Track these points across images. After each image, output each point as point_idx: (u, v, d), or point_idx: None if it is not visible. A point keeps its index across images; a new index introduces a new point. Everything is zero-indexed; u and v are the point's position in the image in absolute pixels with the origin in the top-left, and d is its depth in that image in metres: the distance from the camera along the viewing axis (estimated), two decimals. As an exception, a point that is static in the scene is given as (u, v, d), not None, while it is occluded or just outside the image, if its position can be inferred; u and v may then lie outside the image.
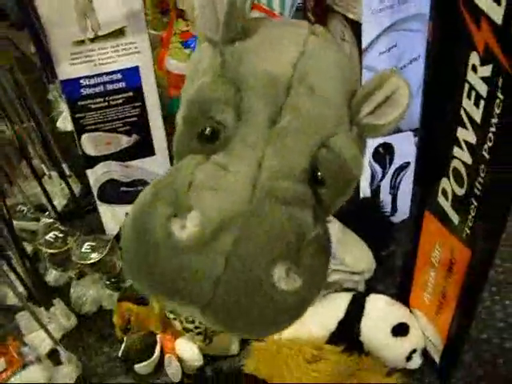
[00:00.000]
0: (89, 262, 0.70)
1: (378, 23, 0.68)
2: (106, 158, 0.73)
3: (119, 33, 0.64)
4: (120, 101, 0.69)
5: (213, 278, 0.33)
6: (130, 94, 0.69)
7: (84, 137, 0.70)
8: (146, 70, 0.67)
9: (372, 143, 0.78)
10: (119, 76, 0.67)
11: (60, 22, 0.61)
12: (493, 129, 0.52)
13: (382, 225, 0.81)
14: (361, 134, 0.39)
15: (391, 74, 0.37)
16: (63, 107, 0.89)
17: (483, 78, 0.51)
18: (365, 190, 0.81)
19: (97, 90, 0.67)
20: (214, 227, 0.33)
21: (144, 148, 0.73)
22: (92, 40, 0.63)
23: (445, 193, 0.61)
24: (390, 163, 0.81)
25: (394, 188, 0.84)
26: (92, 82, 0.66)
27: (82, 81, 0.66)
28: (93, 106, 0.68)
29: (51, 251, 0.71)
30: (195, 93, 0.38)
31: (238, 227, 0.34)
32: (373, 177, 0.81)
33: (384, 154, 0.79)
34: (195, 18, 0.39)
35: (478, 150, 0.54)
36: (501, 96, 0.49)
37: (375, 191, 0.82)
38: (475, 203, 0.57)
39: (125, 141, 0.72)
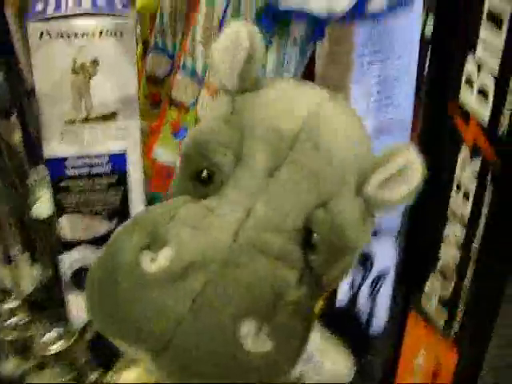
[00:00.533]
0: (52, 352, 0.65)
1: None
2: (82, 242, 0.70)
3: (111, 116, 0.64)
4: (104, 185, 0.68)
5: (175, 318, 0.31)
6: (115, 178, 0.68)
7: (63, 219, 0.68)
8: (134, 156, 0.67)
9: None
10: (106, 159, 0.67)
11: (55, 99, 0.62)
12: (482, 224, 0.52)
13: (359, 335, 0.78)
14: (367, 207, 0.38)
15: (404, 147, 0.37)
16: (40, 193, 0.88)
17: (472, 173, 0.52)
18: (343, 297, 0.80)
19: (82, 171, 0.66)
20: (185, 265, 0.32)
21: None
22: (84, 120, 0.64)
23: (431, 292, 0.60)
24: (370, 268, 0.80)
25: (373, 296, 0.82)
26: (78, 163, 0.66)
27: (67, 161, 0.65)
28: (76, 188, 0.67)
29: (12, 337, 0.66)
30: (199, 132, 0.38)
31: (212, 271, 0.32)
32: (352, 282, 0.80)
33: (364, 259, 0.79)
34: (213, 69, 0.39)
35: (466, 245, 0.54)
36: (490, 189, 0.51)
37: (354, 297, 0.81)
38: (463, 302, 0.56)
39: (104, 226, 0.70)
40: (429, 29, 0.64)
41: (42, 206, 0.90)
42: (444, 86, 0.39)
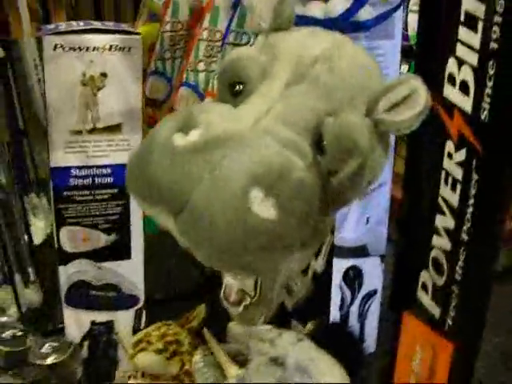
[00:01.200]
0: (47, 363, 0.64)
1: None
2: (80, 255, 0.71)
3: (115, 128, 0.68)
4: (105, 196, 0.70)
5: (194, 181, 0.35)
6: (116, 190, 0.70)
7: (63, 230, 0.70)
8: (135, 169, 0.70)
9: (342, 266, 0.80)
10: (109, 171, 0.69)
11: (63, 109, 0.65)
12: (470, 210, 0.56)
13: (352, 351, 0.79)
14: (376, 128, 0.42)
15: (410, 76, 0.42)
16: (33, 221, 0.89)
17: (458, 163, 0.56)
18: (334, 315, 0.81)
19: (85, 181, 0.69)
20: (208, 140, 0.36)
21: (121, 249, 0.72)
22: (89, 132, 0.67)
23: (424, 286, 0.63)
24: (359, 287, 0.82)
25: (362, 316, 0.84)
26: (82, 173, 0.68)
27: (72, 170, 0.68)
28: (77, 198, 0.69)
29: (7, 350, 0.65)
30: (235, 53, 0.44)
31: (230, 146, 0.36)
32: (342, 301, 0.81)
33: (353, 278, 0.81)
34: (252, 13, 0.45)
35: (456, 234, 0.58)
36: (475, 177, 0.55)
37: (345, 317, 0.82)
38: (456, 291, 0.59)
39: (103, 239, 0.71)
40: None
41: (36, 233, 0.92)
42: (428, 82, 0.44)
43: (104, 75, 0.65)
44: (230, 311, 0.50)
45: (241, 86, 0.42)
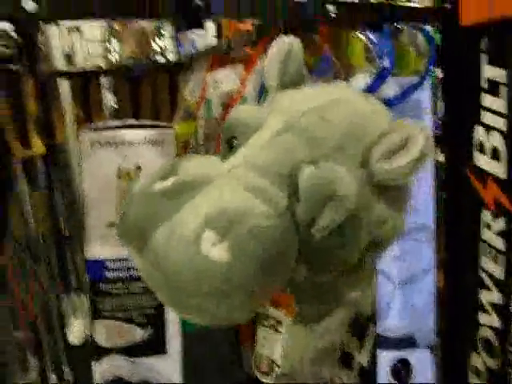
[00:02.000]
0: None
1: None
2: (115, 351, 0.70)
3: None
4: (140, 289, 0.70)
5: (158, 223, 0.37)
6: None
7: (98, 323, 0.69)
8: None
9: (388, 358, 0.76)
10: (143, 263, 0.69)
11: (99, 202, 0.67)
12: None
13: None
14: (371, 178, 0.41)
15: (406, 121, 0.41)
16: (72, 321, 0.89)
17: (498, 233, 0.54)
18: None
19: (120, 274, 0.69)
20: (179, 184, 0.39)
21: (156, 344, 0.71)
22: (124, 224, 0.68)
23: (476, 371, 0.58)
24: (409, 382, 0.76)
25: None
26: (117, 265, 0.69)
27: (107, 263, 0.68)
28: (113, 291, 0.69)
29: None
30: (235, 112, 0.44)
31: (197, 192, 0.38)
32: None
33: (402, 372, 0.76)
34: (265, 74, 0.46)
35: (506, 309, 0.54)
36: (518, 245, 0.52)
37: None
38: None
39: (138, 334, 0.70)
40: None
41: (75, 334, 0.91)
42: (457, 152, 0.44)
43: (139, 169, 0.68)
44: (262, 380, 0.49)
45: (235, 141, 0.43)
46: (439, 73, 0.68)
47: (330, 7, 0.49)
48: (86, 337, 0.84)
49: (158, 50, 1.19)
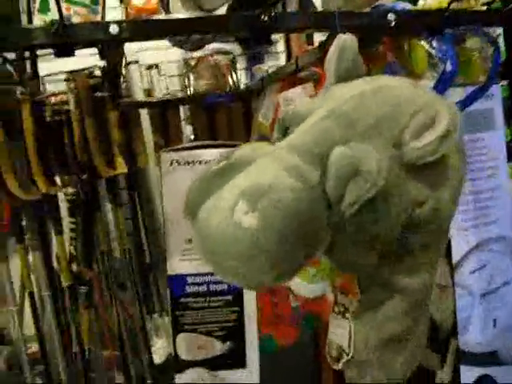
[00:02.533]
0: None
1: (465, 240, 0.73)
2: (196, 363, 0.72)
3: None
4: (220, 303, 0.72)
5: (208, 197, 0.43)
6: (230, 297, 0.72)
7: (180, 337, 0.71)
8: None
9: (471, 375, 0.73)
10: (222, 277, 0.72)
11: (179, 219, 0.70)
12: None
13: None
14: (403, 158, 0.43)
15: (436, 101, 0.44)
16: (155, 340, 0.92)
17: None
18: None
19: (200, 289, 0.71)
20: (227, 166, 0.44)
21: (235, 358, 0.72)
22: (203, 239, 0.71)
23: None
24: (494, 399, 0.74)
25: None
26: (197, 280, 0.71)
27: (188, 278, 0.71)
28: (193, 305, 0.71)
29: None
30: (293, 108, 0.47)
31: (241, 171, 0.43)
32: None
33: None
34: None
35: None
36: None
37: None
38: None
39: (218, 347, 0.72)
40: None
41: (157, 352, 0.94)
42: None
43: (215, 186, 0.71)
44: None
45: (289, 131, 0.46)
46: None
47: (391, 16, 0.51)
48: (168, 355, 0.87)
49: (232, 82, 1.25)
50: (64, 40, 0.44)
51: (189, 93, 1.15)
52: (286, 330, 0.91)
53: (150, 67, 1.23)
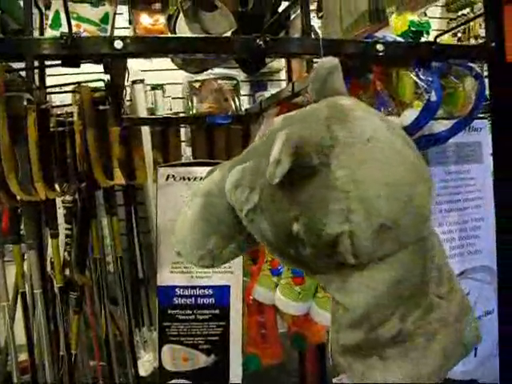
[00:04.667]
0: None
1: (449, 269, 0.75)
2: (180, 375, 0.73)
3: (218, 251, 0.73)
4: (206, 316, 0.73)
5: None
6: (217, 311, 0.74)
7: (165, 348, 0.73)
8: (236, 291, 0.74)
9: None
10: (211, 292, 0.73)
11: (170, 232, 0.72)
12: None
13: None
14: None
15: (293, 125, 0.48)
16: (142, 354, 0.93)
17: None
18: None
19: (188, 301, 0.73)
20: None
21: (219, 372, 0.74)
22: (194, 254, 0.73)
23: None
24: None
25: None
26: (186, 292, 0.73)
27: (177, 290, 0.73)
28: (180, 317, 0.73)
29: None
30: None
31: None
32: None
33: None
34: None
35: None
36: None
37: None
38: None
39: (202, 360, 0.73)
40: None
41: (144, 365, 0.95)
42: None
43: (208, 202, 0.73)
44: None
45: None
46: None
47: (379, 46, 0.54)
48: (153, 369, 0.88)
49: (234, 107, 1.28)
50: (72, 52, 0.46)
51: (191, 115, 1.18)
52: (271, 350, 0.93)
53: (154, 87, 1.27)
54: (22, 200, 0.64)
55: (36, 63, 0.71)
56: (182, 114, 1.22)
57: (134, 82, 1.17)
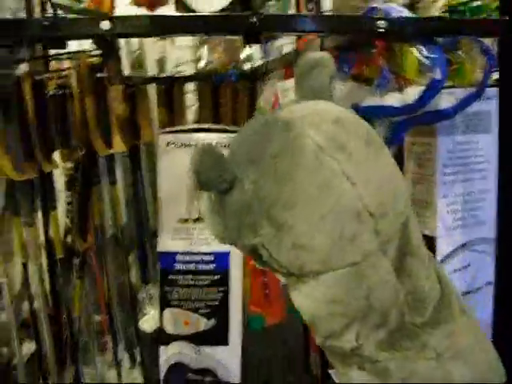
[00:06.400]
0: None
1: (452, 240, 0.74)
2: (181, 338, 0.75)
3: (218, 218, 0.74)
4: (206, 282, 0.75)
5: None
6: (218, 277, 0.75)
7: (166, 312, 0.75)
8: (236, 257, 0.75)
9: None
10: (211, 258, 0.74)
11: (173, 200, 0.72)
12: None
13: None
14: None
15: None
16: (148, 310, 0.95)
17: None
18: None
19: (189, 266, 0.74)
20: None
21: (219, 335, 0.75)
22: (195, 220, 0.73)
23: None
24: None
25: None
26: (186, 258, 0.74)
27: (178, 256, 0.74)
28: (181, 282, 0.74)
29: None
30: None
31: None
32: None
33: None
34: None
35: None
36: None
37: None
38: None
39: (203, 323, 0.75)
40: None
41: (149, 321, 0.97)
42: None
43: (210, 169, 0.72)
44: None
45: None
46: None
47: (381, 22, 0.51)
48: (156, 326, 0.90)
49: (245, 58, 1.24)
50: (55, 34, 0.45)
51: (201, 66, 1.15)
52: (275, 309, 0.94)
53: (163, 37, 1.23)
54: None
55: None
56: (191, 67, 1.19)
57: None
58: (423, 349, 0.43)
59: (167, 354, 0.75)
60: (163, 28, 0.48)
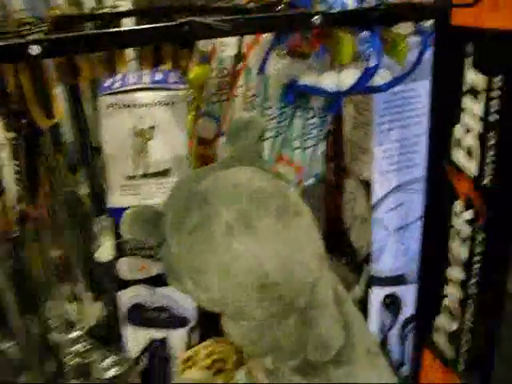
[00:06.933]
0: (108, 376, 0.75)
1: (387, 183, 0.79)
2: (137, 282, 0.81)
3: (164, 173, 0.76)
4: (157, 231, 0.79)
5: None
6: (167, 226, 0.79)
7: (122, 260, 0.80)
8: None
9: (380, 293, 0.85)
10: (160, 209, 0.78)
11: (118, 158, 0.74)
12: (478, 264, 0.59)
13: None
14: None
15: None
16: (103, 240, 1.00)
17: (466, 221, 0.59)
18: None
19: (139, 219, 0.78)
20: None
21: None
22: (142, 176, 0.75)
23: (439, 329, 0.66)
24: (398, 313, 0.86)
25: (402, 339, 0.88)
26: (136, 212, 0.77)
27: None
28: (134, 233, 0.78)
29: (74, 362, 0.76)
30: None
31: None
32: (382, 325, 0.86)
33: (391, 304, 0.85)
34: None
35: (465, 286, 0.61)
36: (483, 235, 0.58)
37: (383, 341, 0.87)
38: (468, 336, 0.62)
39: (157, 267, 0.80)
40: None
41: (105, 251, 1.03)
42: (439, 149, 0.48)
43: (152, 128, 0.73)
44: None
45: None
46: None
47: (316, 19, 0.50)
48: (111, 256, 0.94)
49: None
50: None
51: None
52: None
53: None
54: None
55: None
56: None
57: None
58: (328, 381, 0.52)
59: (126, 297, 0.81)
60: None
